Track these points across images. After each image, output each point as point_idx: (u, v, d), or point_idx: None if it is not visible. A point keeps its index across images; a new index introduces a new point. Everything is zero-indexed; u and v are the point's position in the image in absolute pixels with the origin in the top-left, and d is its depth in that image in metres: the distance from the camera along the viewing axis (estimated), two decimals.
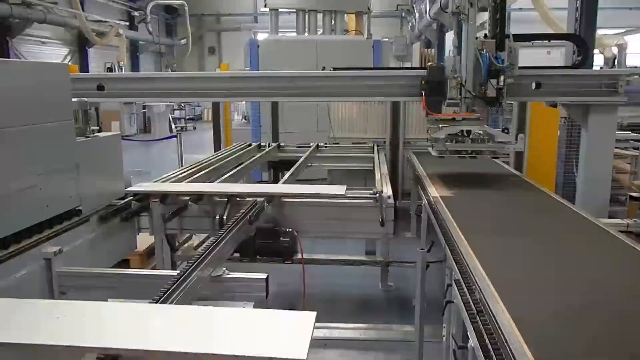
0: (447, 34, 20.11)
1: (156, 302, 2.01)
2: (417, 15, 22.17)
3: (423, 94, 4.31)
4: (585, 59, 5.16)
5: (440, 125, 4.35)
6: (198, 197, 4.03)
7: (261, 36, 18.19)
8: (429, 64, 4.44)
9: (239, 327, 1.77)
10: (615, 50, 16.94)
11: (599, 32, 9.99)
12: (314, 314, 1.78)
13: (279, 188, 4.46)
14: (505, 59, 4.14)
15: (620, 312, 2.05)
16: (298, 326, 1.72)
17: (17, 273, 2.50)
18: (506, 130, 4.45)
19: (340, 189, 4.12)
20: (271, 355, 1.57)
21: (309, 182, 8.46)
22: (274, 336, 1.68)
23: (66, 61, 18.57)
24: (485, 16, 4.33)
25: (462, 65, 4.23)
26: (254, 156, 6.17)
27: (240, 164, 5.79)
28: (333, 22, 9.87)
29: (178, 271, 2.40)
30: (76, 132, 3.14)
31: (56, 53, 18.22)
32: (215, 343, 1.65)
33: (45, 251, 2.71)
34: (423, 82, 4.33)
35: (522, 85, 4.53)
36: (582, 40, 5.36)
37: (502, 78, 4.16)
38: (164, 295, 2.11)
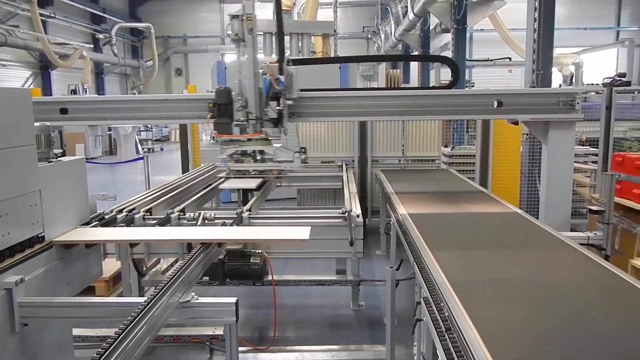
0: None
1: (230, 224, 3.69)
2: (382, 36, 22.64)
3: (208, 116, 4.46)
4: (456, 80, 5.43)
5: (227, 146, 4.57)
6: (166, 220, 3.97)
7: (228, 58, 18.21)
8: (217, 87, 4.55)
9: (270, 231, 3.47)
10: (572, 68, 17.65)
11: (557, 51, 10.40)
12: (309, 227, 3.19)
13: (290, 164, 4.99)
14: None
15: (592, 329, 2.09)
16: (300, 229, 3.22)
17: None
18: (303, 150, 4.77)
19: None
20: (289, 238, 3.17)
21: (278, 201, 8.49)
22: (288, 232, 3.28)
23: (28, 84, 18.19)
24: (448, 37, 4.49)
25: (247, 88, 4.41)
26: (223, 177, 6.12)
27: (209, 185, 5.74)
28: (300, 44, 9.97)
29: (145, 298, 2.35)
30: (39, 156, 3.06)
31: (17, 76, 17.86)
32: (260, 236, 3.42)
33: (5, 281, 2.61)
34: (211, 105, 4.46)
35: (484, 104, 4.67)
36: (453, 63, 5.69)
37: (281, 100, 4.38)
38: (130, 324, 2.06)
